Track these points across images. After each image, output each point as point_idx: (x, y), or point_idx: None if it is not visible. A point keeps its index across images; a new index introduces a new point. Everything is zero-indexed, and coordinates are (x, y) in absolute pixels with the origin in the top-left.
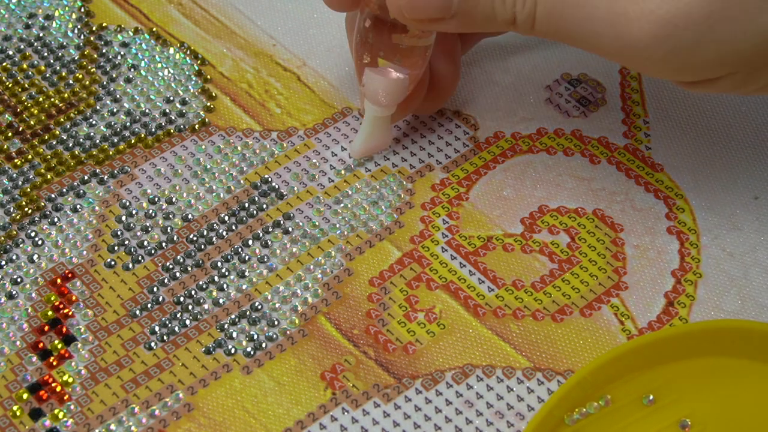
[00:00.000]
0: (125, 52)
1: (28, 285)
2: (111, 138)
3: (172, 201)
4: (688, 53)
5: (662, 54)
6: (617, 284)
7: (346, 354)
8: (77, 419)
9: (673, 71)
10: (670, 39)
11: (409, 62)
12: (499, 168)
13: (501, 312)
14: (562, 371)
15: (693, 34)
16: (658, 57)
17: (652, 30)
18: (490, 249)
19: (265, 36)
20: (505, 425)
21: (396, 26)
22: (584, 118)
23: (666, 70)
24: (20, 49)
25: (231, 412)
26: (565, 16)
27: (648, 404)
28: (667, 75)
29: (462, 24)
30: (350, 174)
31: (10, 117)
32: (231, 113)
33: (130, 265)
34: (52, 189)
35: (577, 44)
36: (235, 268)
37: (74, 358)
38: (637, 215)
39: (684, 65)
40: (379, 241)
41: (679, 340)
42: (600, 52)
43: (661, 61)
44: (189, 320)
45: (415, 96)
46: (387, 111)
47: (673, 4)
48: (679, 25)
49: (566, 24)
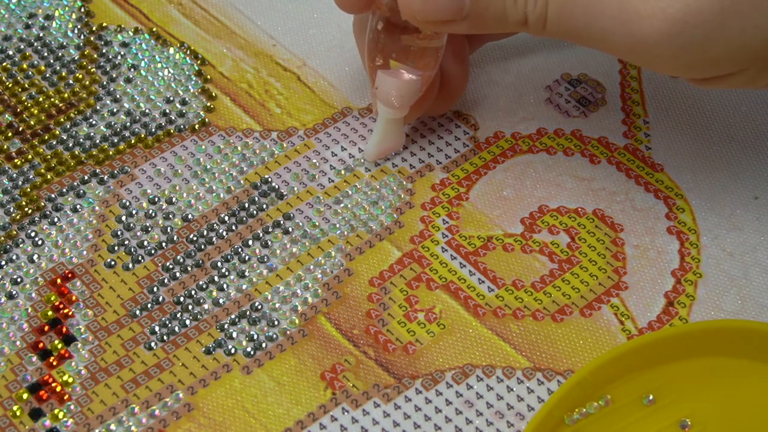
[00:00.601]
0: (125, 52)
1: (28, 285)
2: (111, 138)
3: (172, 201)
4: (699, 50)
5: (673, 51)
6: (617, 284)
7: (346, 354)
8: (77, 419)
9: (684, 68)
10: (681, 36)
11: (422, 63)
12: (499, 168)
13: (501, 312)
14: (562, 371)
15: (704, 31)
16: (669, 54)
17: (664, 27)
18: (490, 249)
19: (265, 36)
20: (505, 425)
21: (407, 28)
22: (584, 118)
23: (677, 66)
24: (20, 49)
25: (231, 412)
26: (575, 15)
27: (648, 404)
28: (678, 72)
29: (474, 25)
30: (350, 174)
31: (10, 117)
32: (231, 113)
33: (130, 265)
34: (52, 189)
35: (588, 43)
36: (235, 268)
37: (74, 358)
38: (637, 215)
39: (695, 62)
40: (379, 241)
41: (679, 340)
42: (610, 50)
43: (672, 58)
44: (189, 320)
45: (427, 97)
46: (400, 113)
47: (685, 1)
48: (690, 22)
49: (577, 23)
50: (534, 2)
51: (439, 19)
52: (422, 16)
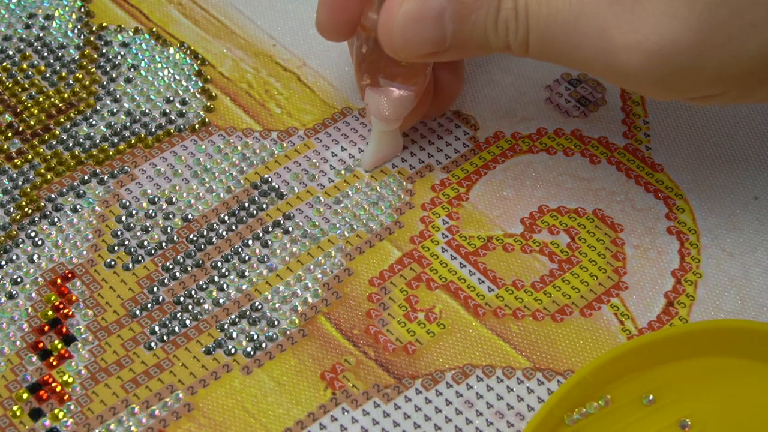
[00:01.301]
0: (125, 52)
1: (28, 285)
2: (111, 138)
3: (172, 201)
4: (679, 79)
5: (652, 81)
6: (617, 284)
7: (346, 354)
8: (77, 419)
9: (666, 94)
10: (659, 68)
11: (411, 81)
12: (499, 168)
13: (501, 312)
14: (562, 371)
15: (681, 62)
16: (649, 83)
17: (641, 60)
18: (490, 249)
19: (265, 36)
20: (505, 425)
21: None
22: (584, 118)
23: (659, 93)
24: (20, 49)
25: (231, 412)
26: (556, 43)
27: (648, 404)
28: (660, 96)
29: (457, 54)
30: (350, 174)
31: (10, 117)
32: (231, 113)
33: (130, 265)
34: (52, 189)
35: (572, 67)
36: (235, 268)
37: (74, 358)
38: (637, 215)
39: (676, 89)
40: (379, 241)
41: (679, 340)
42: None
43: (653, 87)
44: (189, 320)
45: (421, 106)
46: (393, 125)
47: (661, 34)
48: (667, 55)
49: (558, 51)
50: (515, 30)
51: (422, 53)
52: (404, 53)
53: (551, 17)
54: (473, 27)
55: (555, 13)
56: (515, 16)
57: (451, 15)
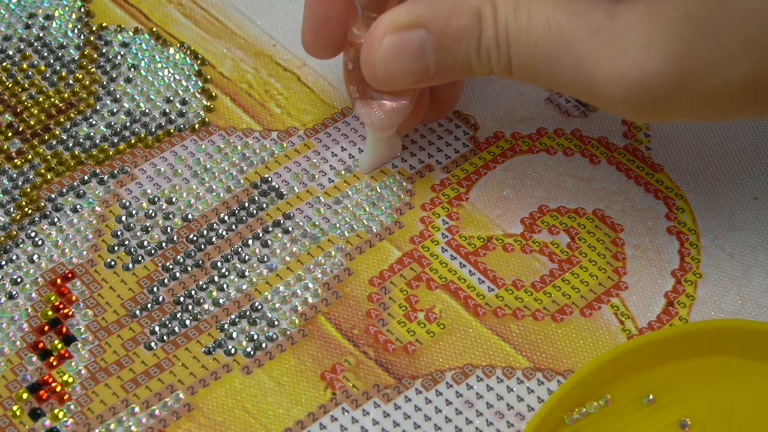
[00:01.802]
0: (125, 52)
1: (28, 285)
2: (111, 138)
3: (172, 201)
4: (662, 108)
5: (635, 111)
6: (617, 284)
7: (346, 354)
8: (77, 419)
9: (647, 119)
10: (640, 100)
11: (402, 94)
12: (499, 168)
13: (501, 312)
14: (562, 371)
15: (664, 93)
16: (630, 112)
17: (622, 93)
18: (490, 249)
19: (265, 36)
20: (505, 425)
21: None
22: (584, 118)
23: (639, 119)
24: (20, 49)
25: (231, 412)
26: (538, 71)
27: (648, 404)
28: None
29: (443, 79)
30: (350, 174)
31: (10, 117)
32: (231, 113)
33: (130, 265)
34: (52, 189)
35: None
36: (235, 268)
37: (74, 358)
38: (637, 215)
39: (657, 116)
40: (379, 241)
41: (679, 340)
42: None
43: (635, 115)
44: (189, 320)
45: (417, 113)
46: (389, 132)
47: (640, 68)
48: (648, 88)
49: (541, 77)
50: (497, 58)
51: (406, 83)
52: (389, 86)
53: (531, 46)
54: (456, 56)
55: (534, 42)
56: (496, 45)
57: (432, 45)
